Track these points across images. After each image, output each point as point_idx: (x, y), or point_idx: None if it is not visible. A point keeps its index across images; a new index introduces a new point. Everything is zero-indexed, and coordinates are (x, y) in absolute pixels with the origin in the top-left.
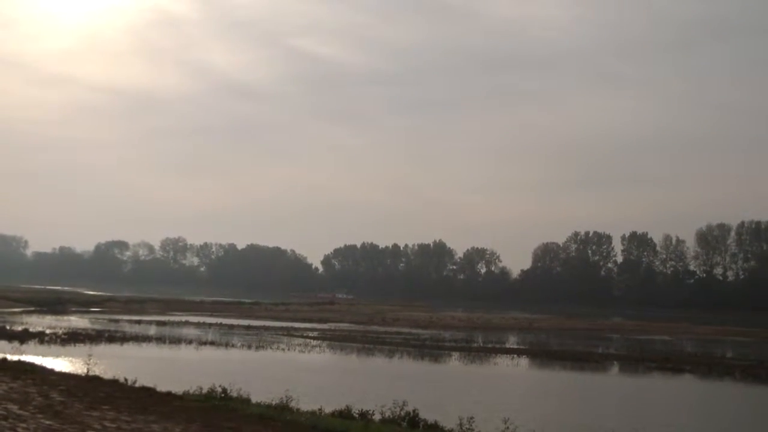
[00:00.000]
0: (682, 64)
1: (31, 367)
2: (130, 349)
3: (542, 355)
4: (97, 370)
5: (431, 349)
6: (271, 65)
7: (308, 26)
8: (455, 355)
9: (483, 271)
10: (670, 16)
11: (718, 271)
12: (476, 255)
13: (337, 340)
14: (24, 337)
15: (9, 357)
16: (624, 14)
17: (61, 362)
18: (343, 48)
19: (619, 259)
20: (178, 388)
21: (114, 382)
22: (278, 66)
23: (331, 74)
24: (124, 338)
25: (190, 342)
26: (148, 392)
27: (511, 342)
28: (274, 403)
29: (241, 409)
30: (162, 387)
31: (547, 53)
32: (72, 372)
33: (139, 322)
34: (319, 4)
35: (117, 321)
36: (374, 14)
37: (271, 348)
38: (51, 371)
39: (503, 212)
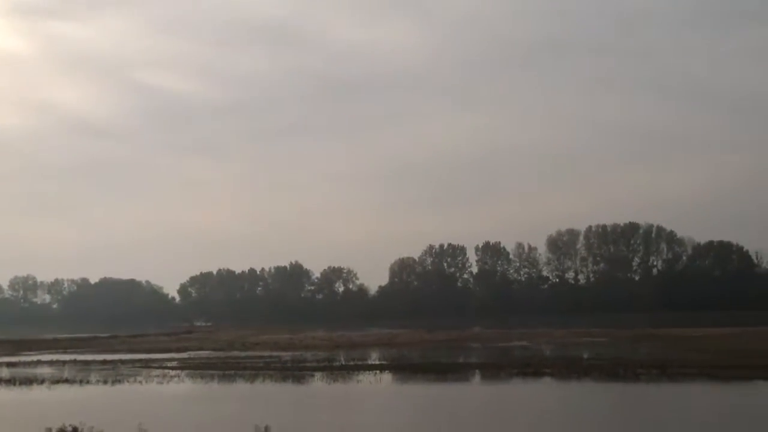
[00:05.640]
0: (527, 81)
1: None
2: None
3: (405, 369)
4: None
5: (293, 371)
6: (115, 100)
7: (150, 59)
8: (317, 375)
9: (341, 289)
10: (511, 36)
11: (570, 275)
12: (333, 274)
13: (196, 368)
14: None
15: None
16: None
17: None
18: (189, 79)
19: (475, 269)
20: (24, 431)
21: None
22: (123, 100)
23: (177, 107)
24: None
25: (42, 381)
26: None
27: (374, 358)
28: None
29: None
30: (6, 430)
31: (392, 76)
32: None
33: None
34: (161, 37)
35: None
36: (215, 44)
37: (128, 381)
38: None
39: (357, 231)
